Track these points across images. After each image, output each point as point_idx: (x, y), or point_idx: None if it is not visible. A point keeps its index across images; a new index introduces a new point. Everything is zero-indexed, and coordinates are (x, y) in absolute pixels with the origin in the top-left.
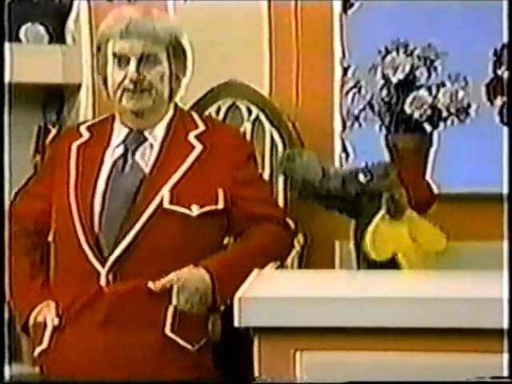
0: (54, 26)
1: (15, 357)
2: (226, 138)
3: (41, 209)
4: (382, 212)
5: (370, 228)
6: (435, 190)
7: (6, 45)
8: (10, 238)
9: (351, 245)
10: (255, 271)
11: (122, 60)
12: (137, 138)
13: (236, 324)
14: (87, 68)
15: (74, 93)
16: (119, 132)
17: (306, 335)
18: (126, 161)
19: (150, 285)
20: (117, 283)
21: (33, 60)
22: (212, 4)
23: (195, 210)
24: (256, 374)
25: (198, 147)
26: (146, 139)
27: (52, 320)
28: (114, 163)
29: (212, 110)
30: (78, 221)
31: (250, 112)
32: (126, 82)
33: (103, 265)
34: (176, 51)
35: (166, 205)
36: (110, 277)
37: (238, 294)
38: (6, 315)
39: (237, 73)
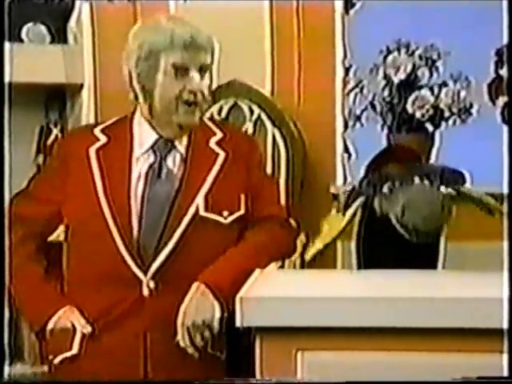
0: (55, 26)
1: (16, 357)
2: (243, 143)
3: (49, 212)
4: None
5: None
6: None
7: (8, 45)
8: (16, 242)
9: (353, 245)
10: (257, 271)
11: (179, 70)
12: (165, 145)
13: (238, 324)
14: (89, 68)
15: (75, 93)
16: (142, 136)
17: (308, 335)
18: (160, 168)
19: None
20: (159, 293)
21: (34, 60)
22: (213, 4)
23: (227, 217)
24: (257, 373)
25: (222, 154)
26: (174, 147)
27: (83, 326)
28: (149, 169)
29: (214, 109)
30: (115, 228)
31: (251, 112)
32: (185, 93)
33: (145, 273)
34: (214, 61)
35: (202, 212)
36: (152, 285)
37: (240, 293)
38: (6, 315)
39: (239, 73)
